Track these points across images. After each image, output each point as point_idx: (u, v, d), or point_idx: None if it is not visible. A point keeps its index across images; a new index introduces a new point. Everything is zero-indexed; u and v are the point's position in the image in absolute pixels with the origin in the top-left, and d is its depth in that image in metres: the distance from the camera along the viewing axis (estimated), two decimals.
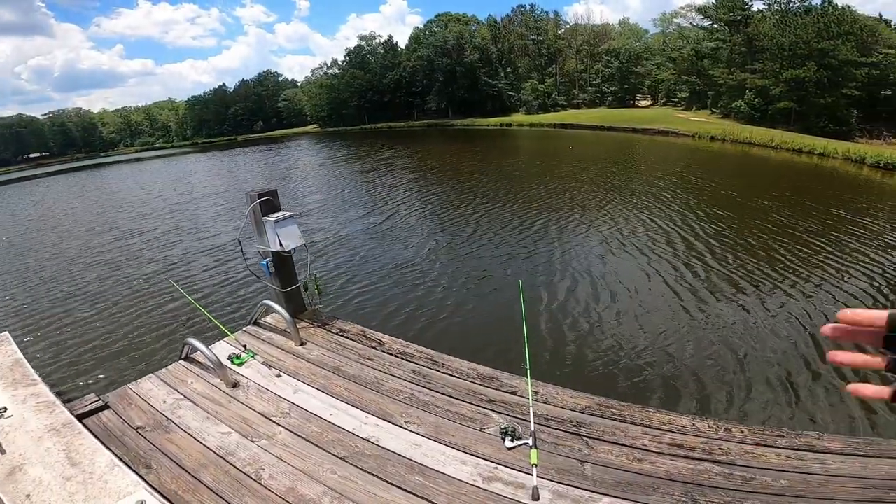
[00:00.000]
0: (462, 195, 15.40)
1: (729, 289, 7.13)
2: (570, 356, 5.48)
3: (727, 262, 8.17)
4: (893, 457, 2.44)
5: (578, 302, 6.91)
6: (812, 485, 2.28)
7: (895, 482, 2.26)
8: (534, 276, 7.95)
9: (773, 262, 8.07)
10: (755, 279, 7.45)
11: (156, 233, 13.63)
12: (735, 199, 12.99)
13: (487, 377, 3.38)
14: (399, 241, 10.69)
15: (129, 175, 37.43)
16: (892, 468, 2.35)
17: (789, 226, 10.19)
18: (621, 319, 6.33)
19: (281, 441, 2.87)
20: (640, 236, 9.81)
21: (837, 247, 8.77)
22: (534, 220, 11.61)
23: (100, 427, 3.05)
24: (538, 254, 9.12)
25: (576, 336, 5.93)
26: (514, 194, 14.81)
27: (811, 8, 34.92)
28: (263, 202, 4.12)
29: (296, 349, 3.97)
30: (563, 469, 2.51)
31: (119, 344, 6.55)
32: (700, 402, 4.57)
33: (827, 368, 4.96)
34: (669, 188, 14.66)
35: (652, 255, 8.69)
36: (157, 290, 8.59)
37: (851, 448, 2.51)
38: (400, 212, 13.56)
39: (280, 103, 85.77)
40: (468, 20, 67.93)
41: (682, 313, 6.43)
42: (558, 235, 10.29)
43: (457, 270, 8.47)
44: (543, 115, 54.12)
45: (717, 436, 2.68)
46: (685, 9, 48.36)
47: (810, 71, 31.01)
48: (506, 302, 6.90)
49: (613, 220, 11.25)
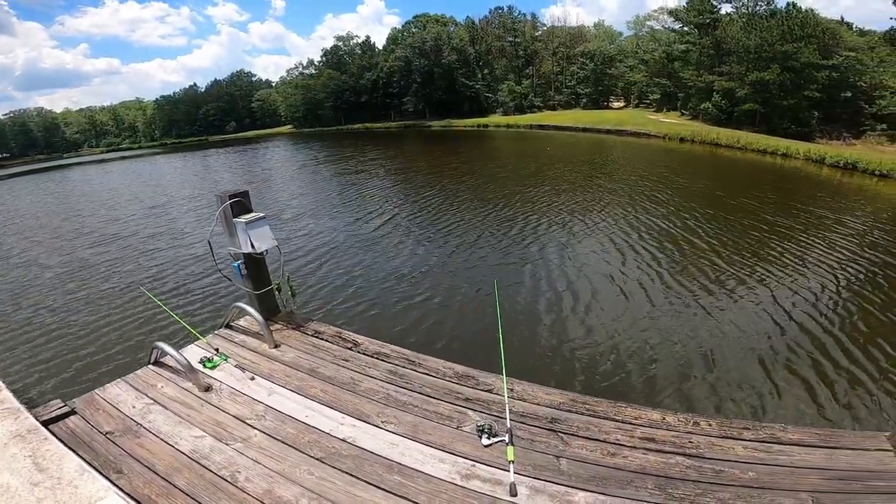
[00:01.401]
0: (440, 195, 15.41)
1: (698, 286, 7.34)
2: (546, 353, 5.54)
3: (705, 261, 8.42)
4: (854, 447, 2.53)
5: (553, 300, 7.00)
6: (778, 476, 2.35)
7: (858, 473, 2.34)
8: (509, 276, 8.03)
9: (749, 260, 8.37)
10: (724, 277, 7.70)
11: (124, 237, 13.18)
12: (708, 197, 13.42)
13: (464, 376, 3.38)
14: (380, 244, 10.62)
15: (96, 177, 36.09)
16: (855, 459, 2.44)
17: (756, 224, 10.58)
18: (594, 316, 6.44)
19: (256, 443, 2.82)
20: (617, 236, 10.02)
21: (807, 243, 9.16)
22: (512, 219, 11.72)
23: (67, 433, 2.95)
24: (514, 253, 9.20)
25: (550, 333, 6.00)
26: (490, 195, 14.91)
27: (776, 11, 36.27)
28: (234, 203, 4.02)
29: (270, 351, 3.90)
30: (539, 465, 2.53)
31: (86, 350, 6.33)
32: (671, 395, 4.69)
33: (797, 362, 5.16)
34: (648, 189, 15.04)
35: (629, 254, 8.88)
36: (125, 295, 8.30)
37: (814, 439, 2.59)
38: (385, 215, 13.47)
39: (254, 104, 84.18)
40: (446, 21, 68.08)
41: (663, 310, 6.59)
42: (536, 234, 10.41)
43: (435, 270, 8.47)
44: (520, 116, 54.64)
45: (687, 429, 2.75)
46: (658, 11, 49.74)
47: (774, 73, 32.18)
48: (482, 301, 6.94)
49: (587, 220, 11.45)
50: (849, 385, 4.77)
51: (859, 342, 5.56)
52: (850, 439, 2.62)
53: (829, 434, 2.68)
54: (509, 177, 18.56)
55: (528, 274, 8.12)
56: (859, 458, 2.45)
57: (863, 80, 32.77)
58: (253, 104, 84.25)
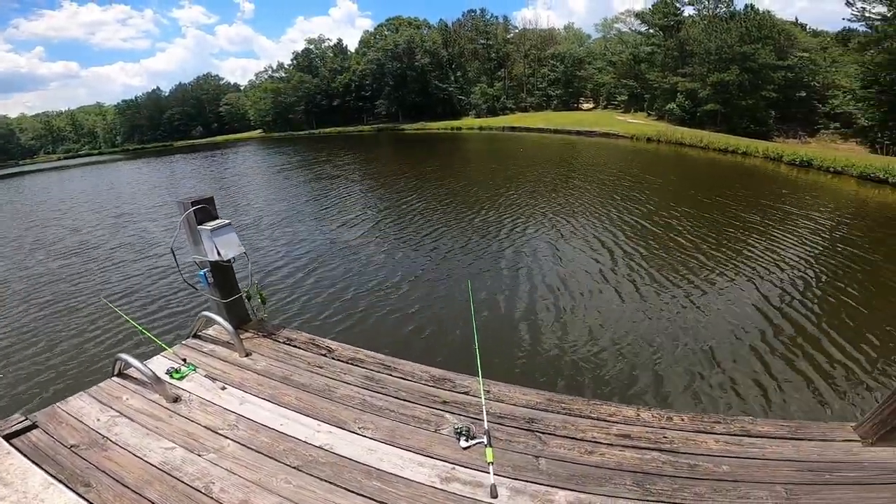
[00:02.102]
0: (417, 199, 15.37)
1: (668, 283, 7.53)
2: (521, 354, 5.57)
3: (686, 258, 8.62)
4: (822, 439, 2.60)
5: (528, 301, 7.05)
6: (751, 469, 2.40)
7: (829, 463, 2.40)
8: (482, 279, 8.05)
9: (729, 255, 8.64)
10: (694, 273, 7.92)
11: (86, 248, 12.61)
12: (683, 196, 13.81)
13: (440, 379, 3.36)
14: (356, 250, 10.48)
15: (56, 183, 34.50)
16: (824, 450, 2.50)
17: (730, 221, 10.95)
18: (567, 316, 6.52)
19: (230, 453, 2.73)
20: (601, 236, 10.19)
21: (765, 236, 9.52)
22: (490, 223, 11.79)
23: (29, 447, 2.82)
24: (488, 255, 9.24)
25: (526, 334, 6.04)
26: (467, 198, 14.96)
27: (735, 13, 37.77)
28: (198, 210, 3.88)
29: (240, 360, 3.77)
30: (518, 465, 2.52)
31: (47, 364, 6.05)
32: (645, 392, 4.78)
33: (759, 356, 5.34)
34: (625, 188, 15.38)
35: (610, 253, 9.03)
36: (87, 307, 7.93)
37: (784, 432, 2.66)
38: (361, 221, 13.32)
39: (221, 108, 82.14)
40: (419, 24, 68.15)
41: (632, 307, 6.72)
42: (512, 237, 10.48)
43: (412, 274, 8.42)
44: (492, 118, 55.12)
45: (661, 424, 2.78)
46: (625, 14, 51.06)
47: (733, 74, 33.51)
48: (457, 303, 6.93)
49: (567, 221, 11.61)
50: (815, 374, 4.97)
51: (824, 333, 5.81)
52: (817, 430, 2.68)
53: (798, 426, 2.74)
54: (485, 180, 18.68)
55: (506, 276, 8.16)
56: (828, 448, 2.52)
57: (816, 80, 34.49)
58: (221, 108, 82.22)
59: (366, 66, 64.49)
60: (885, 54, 25.93)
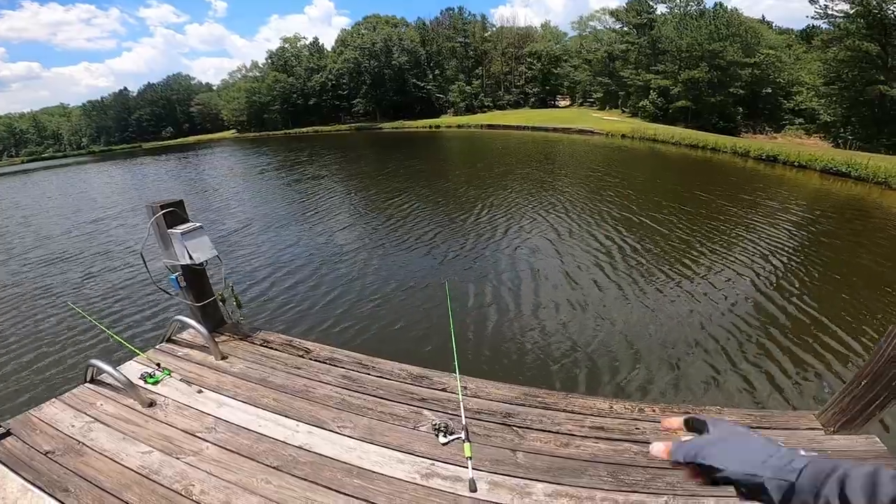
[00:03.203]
0: (400, 198, 15.33)
1: (643, 278, 7.72)
2: (497, 350, 5.63)
3: (648, 253, 8.83)
4: (786, 427, 2.70)
5: (504, 298, 7.12)
6: None
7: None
8: (461, 276, 8.09)
9: (718, 249, 8.87)
10: (665, 271, 8.13)
11: (54, 253, 12.16)
12: (664, 191, 14.13)
13: (418, 376, 3.38)
14: (338, 253, 10.39)
15: (20, 188, 33.10)
16: (789, 438, 2.59)
17: (715, 214, 11.26)
18: (544, 311, 6.62)
19: (209, 456, 2.72)
20: (596, 236, 10.33)
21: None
22: (463, 221, 11.84)
23: (4, 454, 2.79)
24: (465, 254, 9.28)
25: (501, 330, 6.10)
26: (451, 198, 14.98)
27: (705, 11, 38.80)
28: (168, 213, 3.79)
29: (217, 363, 3.72)
30: (496, 459, 2.57)
31: (16, 372, 5.81)
32: (618, 384, 4.89)
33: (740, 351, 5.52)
34: (610, 185, 15.61)
35: (581, 250, 9.18)
36: (55, 314, 7.66)
37: (750, 421, 2.74)
38: (344, 223, 13.19)
39: (193, 108, 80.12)
40: (397, 22, 67.80)
41: (611, 300, 6.86)
42: (494, 236, 10.54)
43: (386, 275, 8.40)
44: (471, 116, 55.32)
45: (633, 416, 2.86)
46: (600, 12, 51.80)
47: (703, 71, 34.44)
48: (434, 303, 6.96)
49: (528, 216, 11.75)
50: (781, 363, 5.17)
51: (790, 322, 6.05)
52: (781, 419, 2.78)
53: (763, 415, 2.83)
54: (468, 178, 18.72)
55: (485, 274, 8.22)
56: (792, 437, 2.61)
57: (781, 77, 35.72)
58: (192, 108, 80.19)
59: (343, 64, 63.86)
60: (847, 51, 26.97)
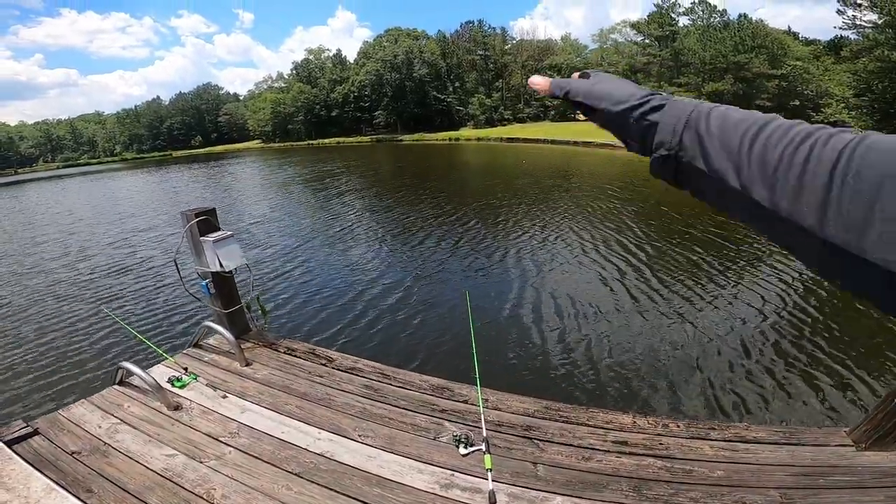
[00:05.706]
0: (424, 215, 15.47)
1: (671, 295, 7.59)
2: (519, 363, 5.60)
3: (678, 268, 8.68)
4: (816, 444, 2.64)
5: (525, 310, 7.09)
6: (745, 474, 2.44)
7: (822, 468, 2.44)
8: (482, 289, 8.10)
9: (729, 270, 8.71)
10: (695, 285, 7.99)
11: (87, 258, 12.64)
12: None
13: (439, 388, 3.40)
14: (362, 266, 10.53)
15: (59, 192, 34.55)
16: (817, 455, 2.54)
17: None
18: (568, 326, 6.57)
19: (231, 461, 2.77)
20: (596, 248, 10.26)
21: None
22: (488, 233, 11.87)
23: (31, 453, 2.87)
24: (485, 265, 9.29)
25: (523, 343, 6.07)
26: (472, 213, 15.04)
27: (729, 23, 38.34)
28: (201, 221, 3.95)
29: (241, 370, 3.81)
30: (516, 472, 2.56)
31: (48, 373, 6.05)
32: (642, 400, 4.81)
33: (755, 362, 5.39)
34: (617, 202, 15.49)
35: (604, 264, 9.09)
36: (88, 318, 7.95)
37: (778, 437, 2.70)
38: (373, 238, 13.37)
39: (221, 118, 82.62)
40: (418, 35, 68.93)
41: (630, 316, 6.77)
42: (517, 249, 10.54)
43: (414, 287, 8.45)
44: (490, 129, 55.56)
45: (657, 431, 2.83)
46: (621, 24, 51.76)
47: (728, 83, 33.94)
48: (456, 314, 6.98)
49: (558, 230, 11.70)
50: (807, 380, 5.01)
51: (820, 339, 5.87)
52: (811, 435, 2.72)
53: (792, 431, 2.78)
54: (492, 194, 18.78)
55: (510, 289, 8.21)
56: (822, 453, 2.56)
57: (809, 89, 34.91)
58: (220, 118, 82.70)
59: (364, 76, 65.10)
60: (877, 62, 26.25)
